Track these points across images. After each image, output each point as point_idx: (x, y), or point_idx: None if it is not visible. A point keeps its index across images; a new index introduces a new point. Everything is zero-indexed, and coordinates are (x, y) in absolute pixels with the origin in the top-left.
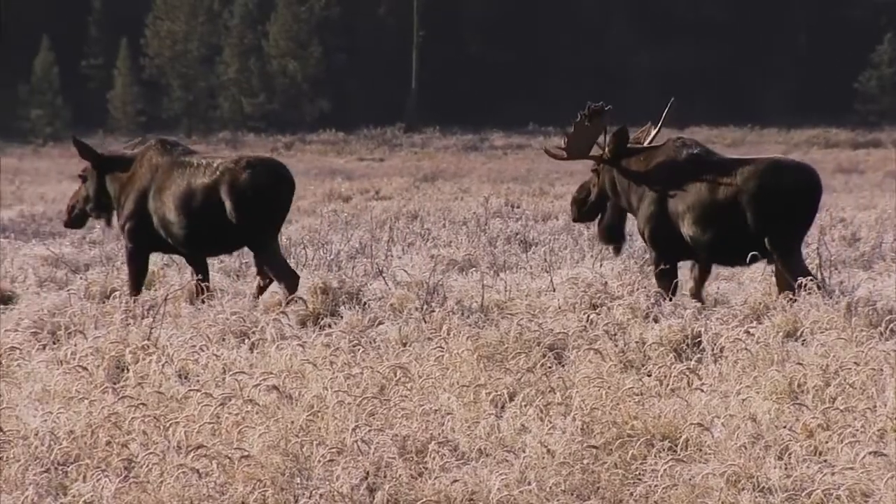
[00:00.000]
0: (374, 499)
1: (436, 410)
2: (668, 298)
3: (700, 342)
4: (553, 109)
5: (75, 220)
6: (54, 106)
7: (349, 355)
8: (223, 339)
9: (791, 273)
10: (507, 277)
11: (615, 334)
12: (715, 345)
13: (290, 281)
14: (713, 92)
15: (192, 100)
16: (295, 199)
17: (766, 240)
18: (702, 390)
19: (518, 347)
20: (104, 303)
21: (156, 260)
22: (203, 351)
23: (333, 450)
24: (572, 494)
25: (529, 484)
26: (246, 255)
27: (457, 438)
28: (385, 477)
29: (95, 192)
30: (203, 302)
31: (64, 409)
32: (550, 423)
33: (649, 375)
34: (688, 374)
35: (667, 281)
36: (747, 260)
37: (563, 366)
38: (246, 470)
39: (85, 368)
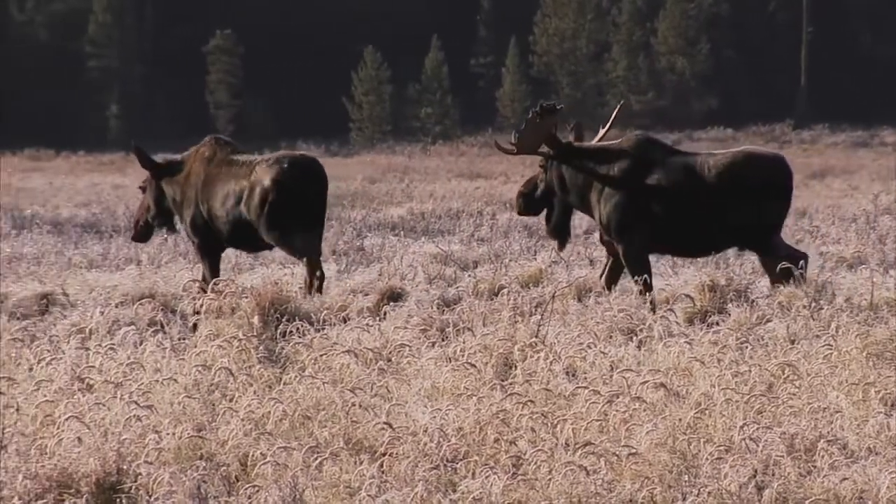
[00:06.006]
0: (762, 497)
1: (824, 408)
2: (649, 284)
3: None
4: None
5: (141, 233)
6: (444, 105)
7: (737, 353)
8: (610, 337)
9: (776, 260)
10: None
11: None
12: None
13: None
14: None
15: (580, 97)
16: None
17: (743, 231)
18: None
19: None
20: (492, 300)
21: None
22: (591, 348)
23: (721, 447)
24: None
25: None
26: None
27: (846, 437)
28: (773, 475)
29: (155, 200)
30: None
31: (453, 406)
32: None
33: None
34: None
35: (643, 268)
36: (713, 251)
37: None
38: (634, 467)
39: (473, 365)
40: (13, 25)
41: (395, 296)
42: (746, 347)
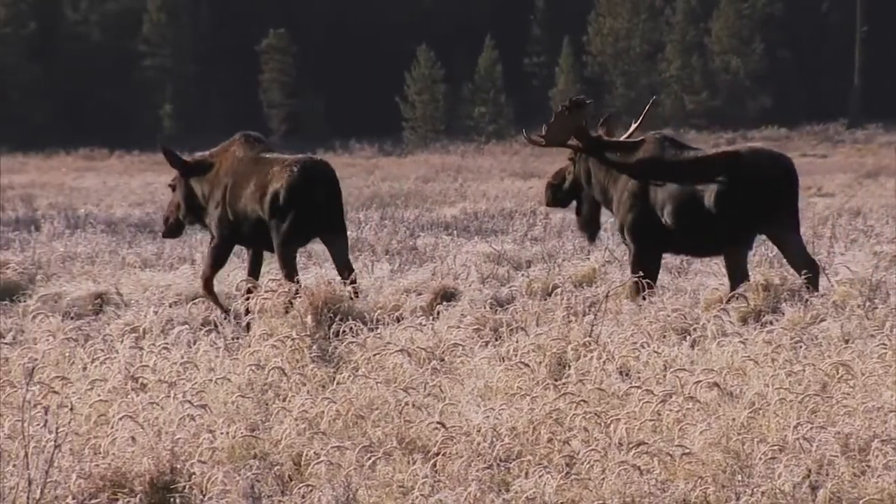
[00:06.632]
0: (815, 497)
1: (879, 408)
2: (652, 288)
3: None
4: None
5: (170, 229)
6: (497, 104)
7: (791, 352)
8: (664, 336)
9: (792, 260)
10: None
11: None
12: None
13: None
14: None
15: (633, 97)
16: None
17: (749, 230)
18: None
19: None
20: (546, 300)
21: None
22: (644, 348)
23: (775, 447)
24: None
25: None
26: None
27: None
28: (827, 475)
29: (185, 198)
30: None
31: (506, 406)
32: None
33: None
34: None
35: (651, 271)
36: (722, 251)
37: None
38: (687, 467)
39: (527, 365)
40: (67, 25)
41: (448, 295)
42: (800, 347)
